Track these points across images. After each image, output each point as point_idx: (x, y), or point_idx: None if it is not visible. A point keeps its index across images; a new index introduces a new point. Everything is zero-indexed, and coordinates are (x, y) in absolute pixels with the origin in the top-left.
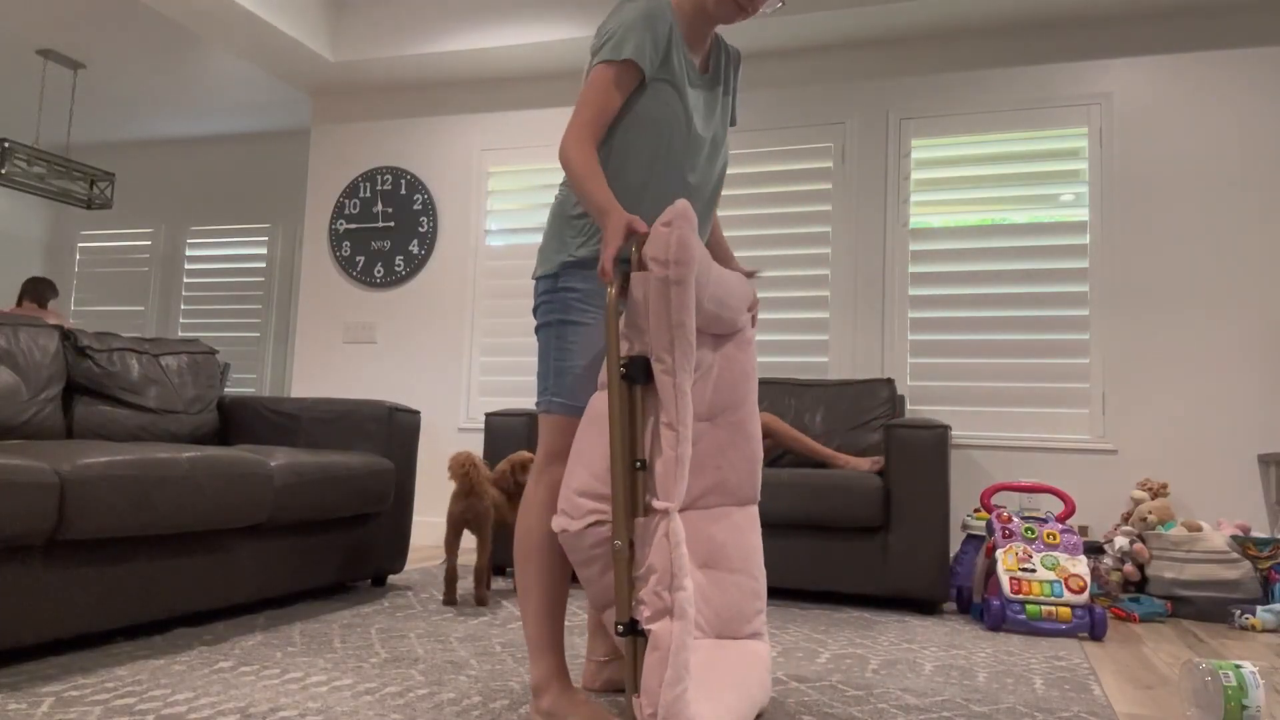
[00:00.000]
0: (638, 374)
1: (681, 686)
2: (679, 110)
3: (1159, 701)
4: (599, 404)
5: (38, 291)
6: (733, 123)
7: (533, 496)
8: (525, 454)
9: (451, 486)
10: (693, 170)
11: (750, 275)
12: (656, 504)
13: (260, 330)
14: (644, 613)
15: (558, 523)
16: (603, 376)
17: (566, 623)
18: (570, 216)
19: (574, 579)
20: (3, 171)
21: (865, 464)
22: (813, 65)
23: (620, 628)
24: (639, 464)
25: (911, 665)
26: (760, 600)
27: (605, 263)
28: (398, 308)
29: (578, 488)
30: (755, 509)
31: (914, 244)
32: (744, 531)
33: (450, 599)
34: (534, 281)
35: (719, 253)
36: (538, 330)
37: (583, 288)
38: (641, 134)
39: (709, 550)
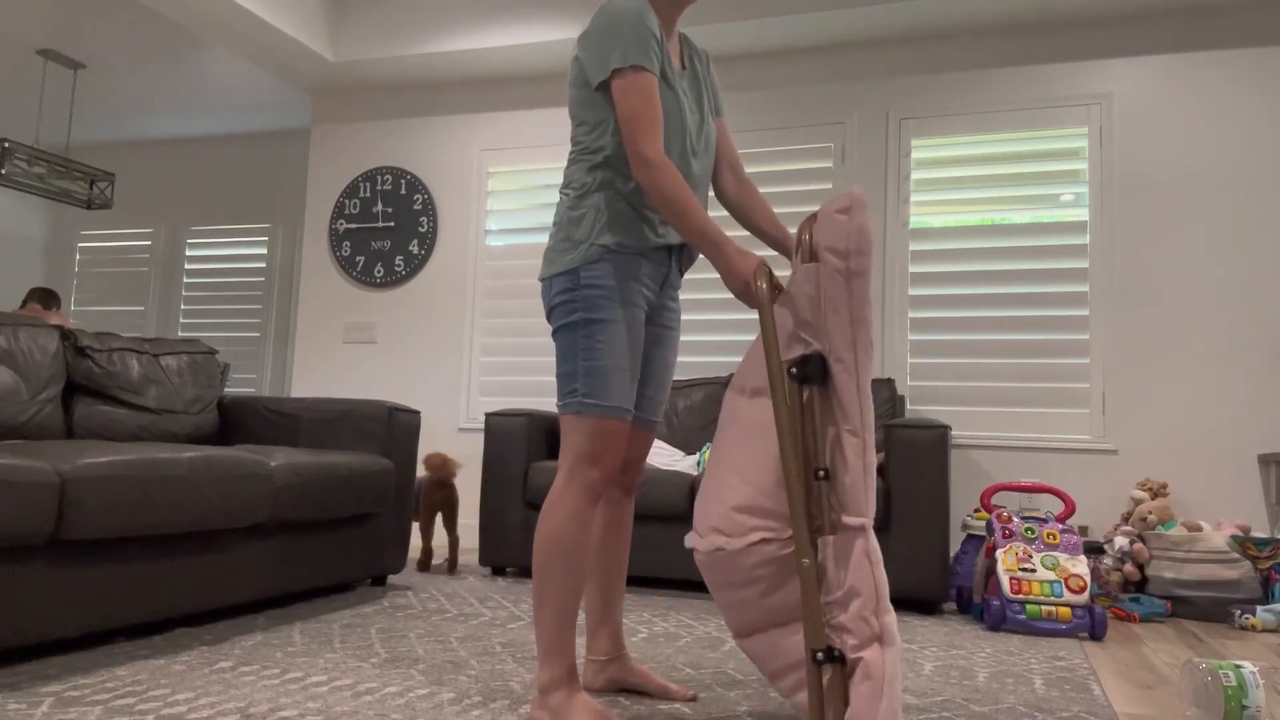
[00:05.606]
0: (814, 374)
1: (898, 718)
2: (675, 103)
3: (1159, 701)
4: (747, 412)
5: (43, 298)
6: (719, 112)
7: (563, 502)
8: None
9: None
10: (695, 156)
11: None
12: (849, 520)
13: (260, 330)
14: (849, 640)
15: (711, 541)
16: (753, 383)
17: None
18: (581, 214)
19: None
20: (3, 171)
21: None
22: (813, 65)
23: (817, 655)
24: (821, 474)
25: (911, 665)
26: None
27: (743, 290)
28: (398, 308)
29: (737, 504)
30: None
31: (914, 244)
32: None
33: (425, 567)
34: (540, 283)
35: (765, 223)
36: (557, 331)
37: (607, 284)
38: None
39: None
